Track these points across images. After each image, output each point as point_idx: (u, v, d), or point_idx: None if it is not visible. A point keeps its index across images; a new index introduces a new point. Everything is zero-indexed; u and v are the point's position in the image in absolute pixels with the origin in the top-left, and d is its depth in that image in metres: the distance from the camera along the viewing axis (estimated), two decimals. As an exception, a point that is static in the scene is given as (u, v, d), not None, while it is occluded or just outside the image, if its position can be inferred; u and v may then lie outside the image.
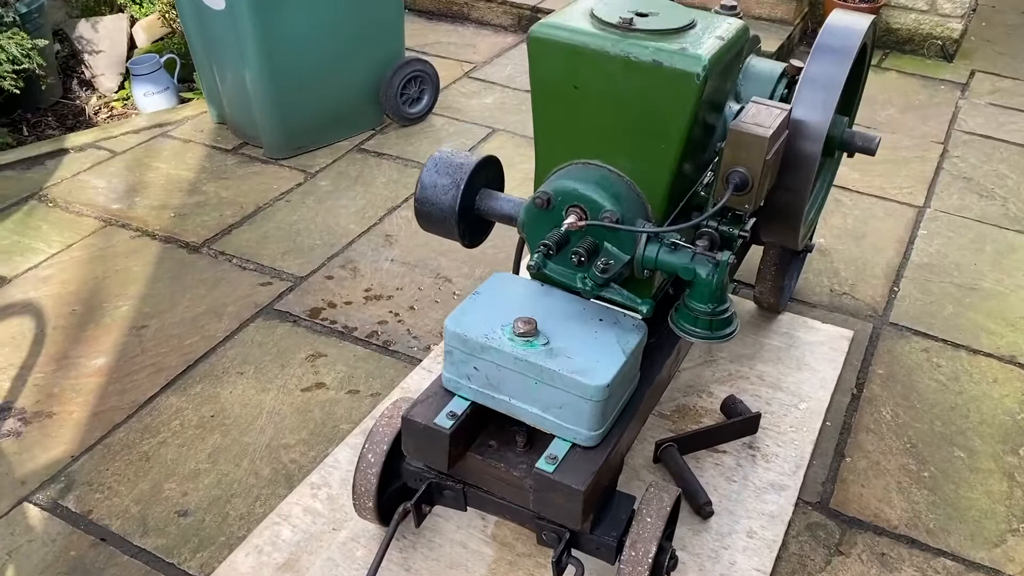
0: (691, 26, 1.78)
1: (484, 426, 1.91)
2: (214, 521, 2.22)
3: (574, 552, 1.86)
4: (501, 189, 2.05)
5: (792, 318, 2.90)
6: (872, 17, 2.24)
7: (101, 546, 2.16)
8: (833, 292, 3.07)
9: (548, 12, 4.91)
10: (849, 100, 2.49)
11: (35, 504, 2.27)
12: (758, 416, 2.43)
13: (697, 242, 1.80)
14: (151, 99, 4.58)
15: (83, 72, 5.07)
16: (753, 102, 1.92)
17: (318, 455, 2.40)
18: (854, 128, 2.31)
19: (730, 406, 2.46)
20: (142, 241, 3.32)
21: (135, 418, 2.52)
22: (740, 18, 2.29)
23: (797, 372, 2.67)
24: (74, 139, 4.07)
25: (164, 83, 4.56)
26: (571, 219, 1.79)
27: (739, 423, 2.42)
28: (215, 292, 3.04)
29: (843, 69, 2.07)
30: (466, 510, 2.03)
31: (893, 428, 2.53)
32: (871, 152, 2.28)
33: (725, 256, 1.72)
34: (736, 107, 2.05)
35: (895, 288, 3.10)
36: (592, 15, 1.78)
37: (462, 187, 1.90)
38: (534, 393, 1.77)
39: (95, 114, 4.79)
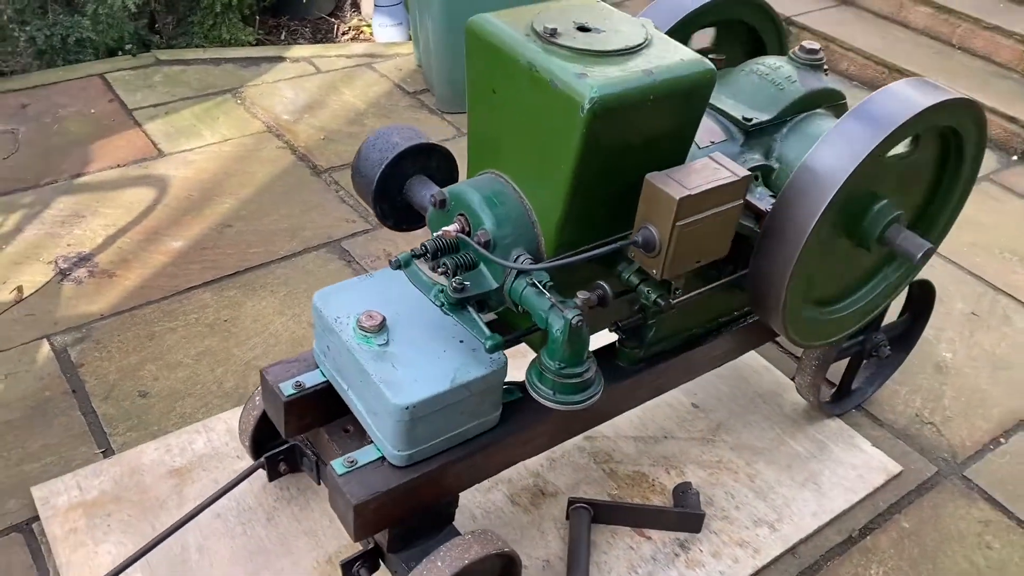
0: (626, 52, 1.53)
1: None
2: (160, 411, 2.40)
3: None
4: (448, 181, 1.94)
5: (840, 427, 2.45)
6: (960, 96, 1.78)
7: (68, 397, 2.43)
8: (918, 418, 2.54)
9: (801, 27, 4.48)
10: (927, 205, 2.02)
11: (51, 343, 2.59)
12: (700, 517, 2.11)
13: (579, 292, 1.58)
14: (385, 30, 4.88)
15: (356, -6, 5.51)
16: (710, 157, 1.64)
17: (280, 387, 2.48)
18: (906, 230, 1.86)
19: (680, 494, 2.16)
20: (282, 153, 3.59)
21: (166, 301, 2.78)
22: (822, 65, 1.97)
23: (798, 488, 2.27)
24: (296, 51, 4.46)
25: (399, 18, 4.83)
26: (450, 227, 1.66)
27: (675, 515, 2.12)
28: (306, 215, 3.22)
29: (869, 143, 1.67)
30: (319, 484, 2.00)
31: (878, 594, 2.08)
32: (911, 260, 1.83)
33: (570, 314, 1.50)
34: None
35: (1001, 440, 2.49)
36: (533, 19, 1.61)
37: (383, 166, 1.83)
38: (362, 390, 1.69)
39: (342, 34, 5.21)
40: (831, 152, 1.71)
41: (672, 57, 1.55)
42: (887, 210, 1.85)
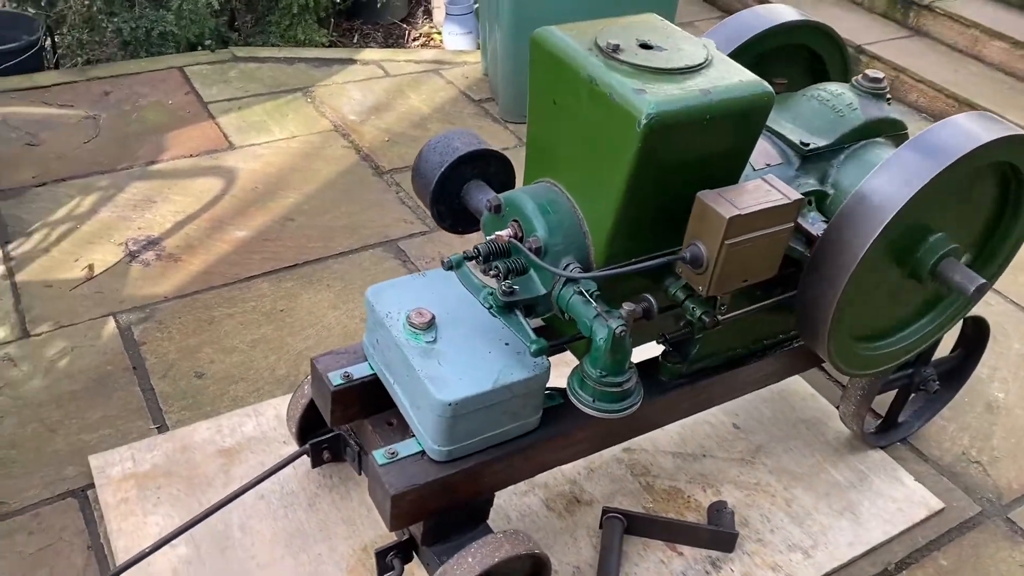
0: (686, 71, 1.56)
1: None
2: (214, 392, 2.49)
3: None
4: (505, 187, 1.98)
5: (883, 459, 2.43)
6: (1015, 132, 1.77)
7: (129, 373, 2.53)
8: (964, 456, 2.51)
9: (872, 56, 4.45)
10: (984, 241, 2.01)
11: (116, 321, 2.71)
12: (733, 536, 2.11)
13: (625, 304, 1.61)
14: (455, 38, 4.97)
15: (431, 1, 5.62)
16: (763, 178, 1.65)
17: (329, 378, 2.55)
18: (960, 264, 1.85)
19: (714, 512, 2.17)
20: (347, 152, 3.68)
21: (227, 288, 2.88)
22: (885, 94, 1.97)
23: (836, 517, 2.25)
24: (367, 54, 4.57)
25: (469, 27, 4.92)
26: (504, 232, 1.70)
27: (709, 533, 2.12)
28: (365, 213, 3.30)
29: (926, 174, 1.67)
30: (360, 474, 2.06)
31: (910, 629, 2.05)
32: (965, 294, 1.82)
33: (614, 324, 1.53)
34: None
35: (1050, 484, 2.44)
36: (597, 34, 1.64)
37: (442, 169, 1.88)
38: (407, 385, 1.74)
39: (412, 40, 5.31)
40: (886, 180, 1.71)
41: (731, 78, 1.58)
42: (942, 243, 1.84)
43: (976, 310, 2.98)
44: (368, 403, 1.91)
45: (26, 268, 2.89)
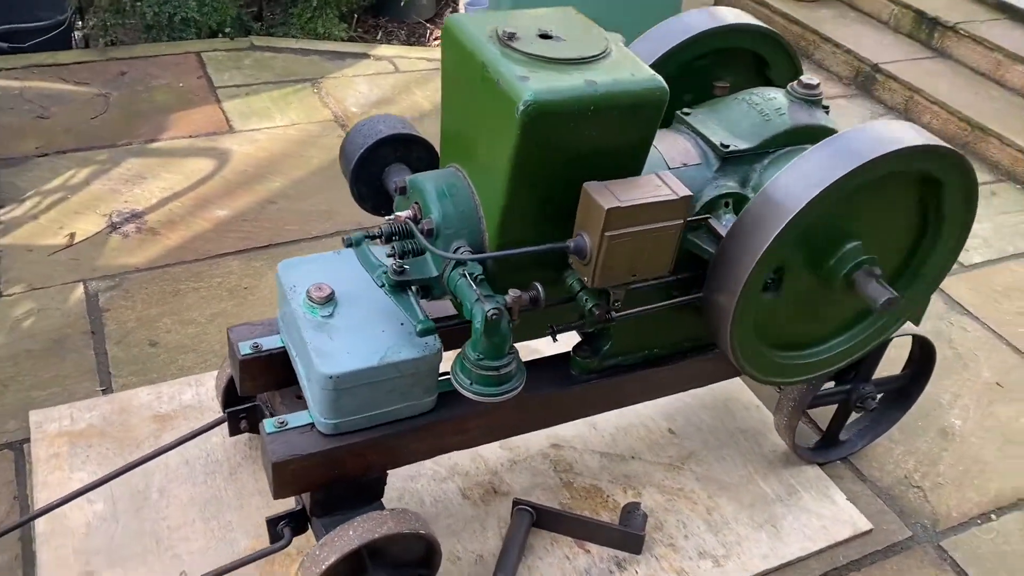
0: (577, 61, 1.57)
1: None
2: (164, 361, 2.56)
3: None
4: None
5: (817, 475, 2.38)
6: (940, 145, 1.73)
7: (87, 337, 2.62)
8: (906, 479, 2.44)
9: (888, 75, 4.38)
10: (911, 256, 1.97)
11: (86, 287, 2.81)
12: (640, 538, 2.10)
13: (511, 290, 1.62)
14: (472, 39, 5.00)
15: (457, 1, 5.69)
16: (656, 174, 1.65)
17: (277, 356, 2.61)
18: (874, 276, 1.81)
19: (626, 513, 2.15)
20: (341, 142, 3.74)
21: (197, 263, 2.96)
22: (820, 101, 1.96)
23: (755, 529, 2.22)
24: (381, 50, 4.64)
25: (487, 28, 4.95)
26: (403, 213, 1.73)
27: (616, 532, 2.11)
28: (344, 201, 3.34)
29: (829, 176, 1.65)
30: (273, 445, 2.10)
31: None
32: (874, 306, 1.78)
33: (488, 306, 1.54)
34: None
35: (992, 516, 2.36)
36: (500, 23, 1.66)
37: (362, 150, 1.92)
38: (303, 357, 1.78)
39: (434, 39, 5.38)
40: (792, 180, 1.70)
41: (622, 72, 1.58)
42: (856, 252, 1.82)
43: (952, 334, 2.94)
44: (278, 375, 1.95)
45: (12, 232, 3.01)
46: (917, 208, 1.89)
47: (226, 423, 2.11)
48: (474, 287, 1.60)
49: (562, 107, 1.51)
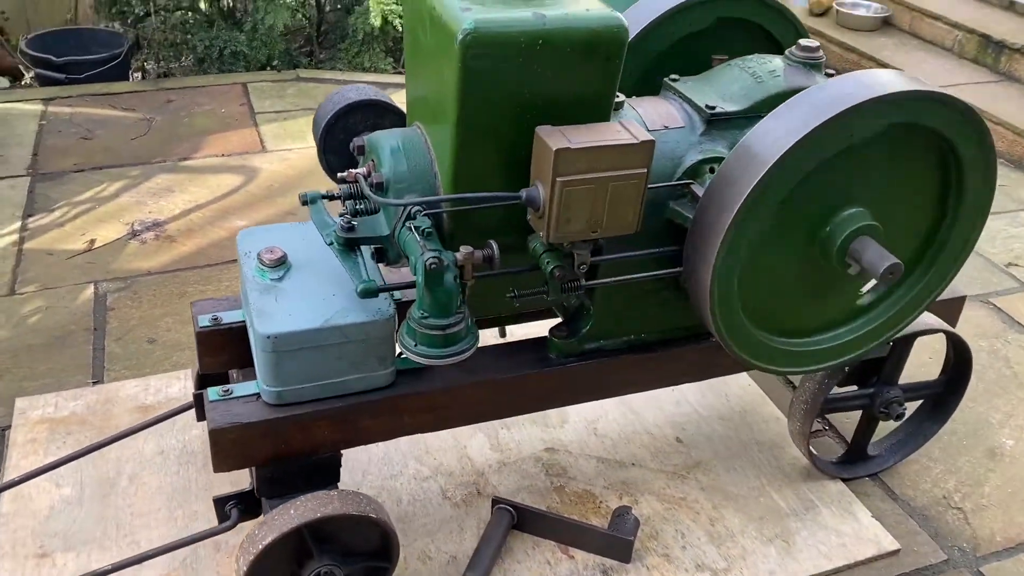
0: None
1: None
2: (158, 357, 2.52)
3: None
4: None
5: (840, 491, 2.14)
6: (938, 91, 1.56)
7: (88, 334, 2.60)
8: (945, 500, 2.18)
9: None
10: (934, 232, 1.77)
11: (96, 288, 2.81)
12: (628, 544, 1.90)
13: (462, 247, 1.51)
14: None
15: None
16: (620, 121, 1.53)
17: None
18: (876, 243, 1.63)
19: (615, 517, 1.97)
20: (370, 160, 3.73)
21: (208, 269, 2.94)
22: (820, 65, 1.81)
23: (763, 543, 2.00)
24: (424, 79, 4.66)
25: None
26: (356, 170, 1.65)
27: (603, 537, 1.92)
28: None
29: (813, 121, 1.49)
30: (240, 431, 2.00)
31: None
32: (874, 273, 1.59)
33: (427, 256, 1.43)
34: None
35: (1043, 542, 2.08)
36: (457, -33, 1.59)
37: (329, 116, 1.86)
38: (249, 321, 1.69)
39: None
40: (768, 131, 1.55)
41: (576, 7, 1.47)
42: (857, 218, 1.64)
43: (1008, 353, 2.67)
44: (241, 352, 1.86)
45: (36, 238, 3.06)
46: (935, 180, 1.71)
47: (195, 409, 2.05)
48: (420, 240, 1.49)
49: (505, 38, 1.41)
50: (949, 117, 1.60)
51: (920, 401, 2.24)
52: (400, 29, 5.11)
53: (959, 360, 2.15)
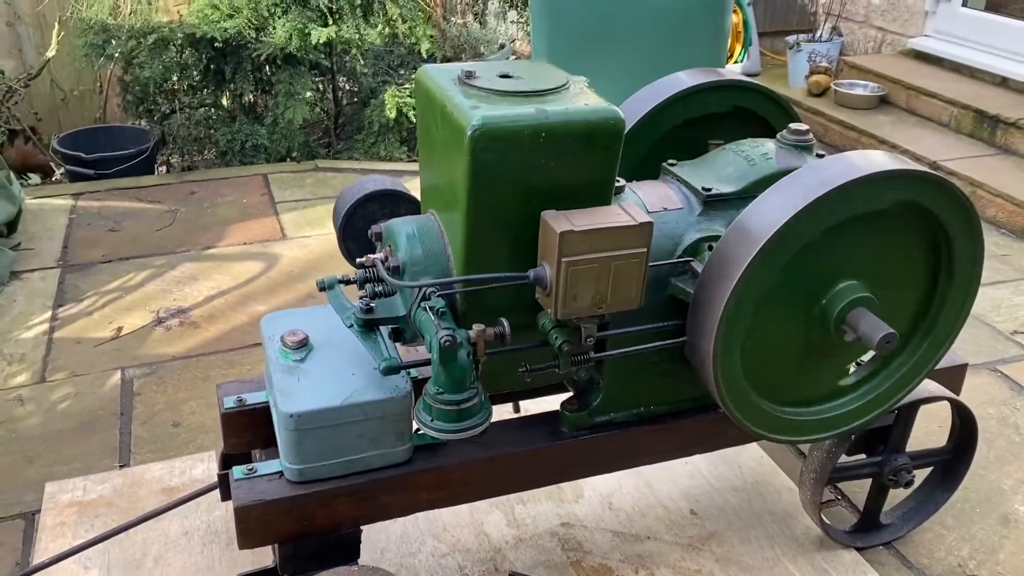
0: (530, 94, 1.59)
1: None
2: (183, 440, 2.59)
3: None
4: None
5: (854, 560, 2.16)
6: (919, 169, 1.65)
7: (115, 419, 2.69)
8: (959, 569, 2.19)
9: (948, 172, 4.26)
10: (926, 307, 1.85)
11: (123, 373, 2.91)
12: (643, 614, 1.93)
13: (475, 325, 1.59)
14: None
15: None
16: (620, 204, 1.63)
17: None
18: (871, 314, 1.70)
19: (631, 588, 1.99)
20: (386, 245, 3.86)
21: (231, 353, 3.03)
22: (810, 147, 1.92)
23: (780, 613, 2.01)
24: (437, 166, 4.83)
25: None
26: (374, 255, 1.75)
27: (619, 608, 1.95)
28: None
29: (804, 199, 1.58)
30: (263, 510, 2.06)
31: None
32: (870, 344, 1.66)
33: (441, 334, 1.51)
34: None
35: (1061, 608, 2.08)
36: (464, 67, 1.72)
37: (348, 206, 1.97)
38: (273, 401, 1.77)
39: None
40: (765, 206, 1.64)
41: (576, 103, 1.59)
42: (852, 290, 1.72)
43: (1018, 420, 2.71)
44: (265, 432, 1.93)
45: (66, 327, 3.18)
46: (925, 254, 1.79)
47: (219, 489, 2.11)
48: (434, 319, 1.58)
49: (511, 132, 1.52)
50: (933, 193, 1.69)
51: (930, 469, 2.27)
52: (413, 120, 5.32)
53: (964, 426, 2.19)
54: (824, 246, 1.67)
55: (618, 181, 1.77)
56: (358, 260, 1.76)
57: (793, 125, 1.94)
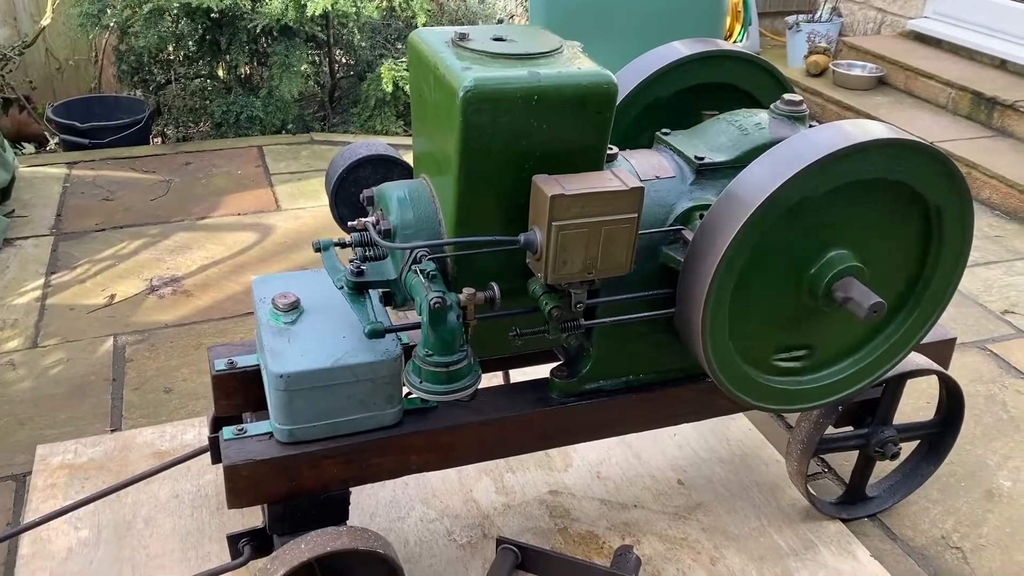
0: (523, 57, 1.58)
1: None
2: (175, 406, 2.60)
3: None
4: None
5: (839, 531, 2.18)
6: (913, 140, 1.65)
7: (107, 384, 2.69)
8: (943, 540, 2.21)
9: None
10: (916, 279, 1.85)
11: (115, 340, 2.91)
12: (630, 580, 1.95)
13: (464, 288, 1.60)
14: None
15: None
16: (611, 170, 1.63)
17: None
18: (860, 283, 1.71)
19: (618, 556, 2.01)
20: (380, 218, 3.85)
21: (223, 321, 3.03)
22: (804, 117, 1.92)
23: (764, 581, 2.03)
24: (433, 141, 4.81)
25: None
26: (366, 219, 1.75)
27: (604, 575, 1.97)
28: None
29: (795, 166, 1.58)
30: (253, 473, 2.07)
31: None
32: (859, 312, 1.67)
33: (431, 296, 1.51)
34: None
35: (1042, 580, 2.10)
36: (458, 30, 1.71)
37: (340, 170, 1.97)
38: (263, 362, 1.77)
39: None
40: (756, 174, 1.64)
41: (569, 66, 1.59)
42: (841, 259, 1.73)
43: (1005, 397, 2.72)
44: (256, 395, 1.94)
45: (58, 294, 3.17)
46: (916, 224, 1.79)
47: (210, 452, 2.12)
48: (425, 282, 1.58)
49: (503, 94, 1.51)
50: (923, 164, 1.69)
51: (916, 442, 2.29)
52: (409, 94, 5.29)
53: (952, 400, 2.21)
54: (813, 214, 1.68)
55: (611, 149, 1.77)
56: (350, 223, 1.76)
57: (787, 96, 1.94)
